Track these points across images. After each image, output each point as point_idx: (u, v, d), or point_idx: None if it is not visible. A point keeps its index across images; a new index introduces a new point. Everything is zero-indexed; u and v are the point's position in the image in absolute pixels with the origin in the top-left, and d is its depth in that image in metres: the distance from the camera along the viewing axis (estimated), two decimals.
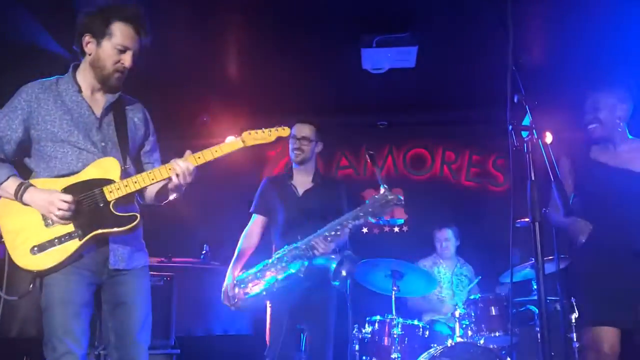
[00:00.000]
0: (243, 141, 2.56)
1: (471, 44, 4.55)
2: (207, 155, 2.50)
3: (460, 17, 4.22)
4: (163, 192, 2.59)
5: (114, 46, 2.42)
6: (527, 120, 1.72)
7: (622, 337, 3.02)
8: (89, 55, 2.47)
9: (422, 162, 6.28)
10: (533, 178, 1.70)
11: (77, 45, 2.49)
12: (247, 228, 3.76)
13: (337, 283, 3.21)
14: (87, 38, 2.44)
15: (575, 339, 4.11)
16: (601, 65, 4.68)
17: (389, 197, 3.34)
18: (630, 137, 3.26)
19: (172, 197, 2.57)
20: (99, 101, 2.53)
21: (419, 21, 4.32)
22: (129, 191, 2.40)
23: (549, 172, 1.80)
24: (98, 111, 2.51)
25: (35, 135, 2.42)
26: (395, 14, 4.27)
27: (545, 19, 4.25)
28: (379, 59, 4.62)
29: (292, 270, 3.28)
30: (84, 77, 2.51)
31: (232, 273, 3.53)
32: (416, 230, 5.99)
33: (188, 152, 2.49)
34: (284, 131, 2.67)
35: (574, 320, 4.07)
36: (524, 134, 1.71)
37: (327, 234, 3.33)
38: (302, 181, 3.74)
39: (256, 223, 3.76)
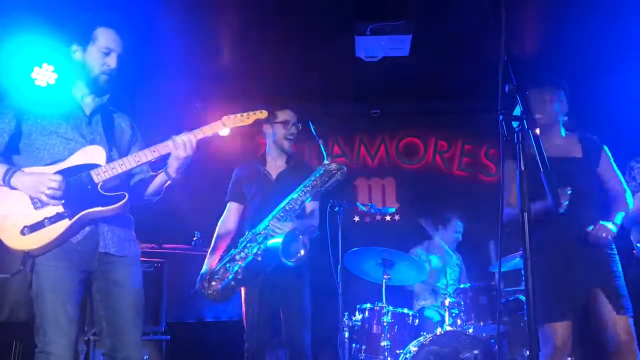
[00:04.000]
0: (223, 124, 2.66)
1: (465, 33, 4.54)
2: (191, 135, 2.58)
3: (454, 6, 4.20)
4: (156, 185, 2.69)
5: (99, 50, 2.56)
6: (517, 111, 1.72)
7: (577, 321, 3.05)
8: (78, 62, 2.60)
9: (415, 151, 6.28)
10: (523, 168, 1.70)
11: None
12: (222, 217, 3.74)
13: (290, 264, 3.15)
14: (74, 47, 2.60)
15: None
16: (593, 57, 4.69)
17: (331, 166, 3.38)
18: (563, 133, 3.29)
19: (176, 174, 2.61)
20: (89, 104, 2.65)
21: (413, 9, 4.30)
22: (115, 173, 2.48)
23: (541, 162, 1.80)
24: (88, 112, 2.63)
25: (26, 129, 2.51)
26: (390, 2, 4.26)
27: (538, 9, 4.24)
28: (372, 47, 4.60)
29: (251, 256, 3.29)
30: (74, 83, 2.65)
31: (209, 264, 3.53)
32: (408, 219, 6.01)
33: (173, 136, 2.57)
34: (262, 114, 2.77)
35: None
36: (515, 124, 1.71)
37: (281, 213, 3.34)
38: (276, 165, 3.73)
39: (231, 211, 3.74)
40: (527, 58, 4.68)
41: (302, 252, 3.23)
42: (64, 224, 2.38)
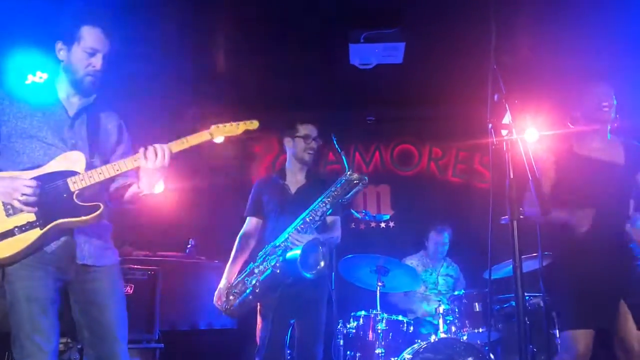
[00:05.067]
0: (211, 134, 2.57)
1: (458, 40, 4.56)
2: (174, 146, 2.50)
3: (447, 14, 4.22)
4: (128, 191, 2.59)
5: (83, 50, 2.46)
6: (507, 119, 1.72)
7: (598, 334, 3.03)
8: (62, 61, 2.53)
9: (410, 158, 6.29)
10: (512, 176, 1.71)
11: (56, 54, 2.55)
12: (242, 231, 3.73)
13: (309, 275, 3.08)
14: (59, 45, 2.51)
15: (558, 335, 4.16)
16: (586, 65, 4.70)
17: (352, 176, 3.38)
18: (609, 136, 3.24)
19: (143, 186, 2.51)
20: (74, 104, 2.56)
21: (407, 17, 4.31)
22: (92, 182, 2.39)
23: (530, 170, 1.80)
24: (72, 112, 2.54)
25: (5, 131, 2.42)
26: (384, 10, 4.27)
27: (529, 17, 4.26)
28: (366, 55, 4.62)
29: (270, 268, 3.23)
30: (59, 82, 2.56)
31: (227, 278, 3.51)
32: (402, 225, 6.01)
33: (155, 145, 2.47)
34: (252, 124, 2.67)
35: (556, 317, 4.13)
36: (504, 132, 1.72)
37: (301, 225, 3.32)
38: (295, 180, 3.72)
39: (250, 225, 3.74)
40: (519, 66, 4.68)
41: (322, 263, 3.16)
42: (35, 233, 2.30)
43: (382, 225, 6.12)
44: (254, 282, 3.27)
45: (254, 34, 4.60)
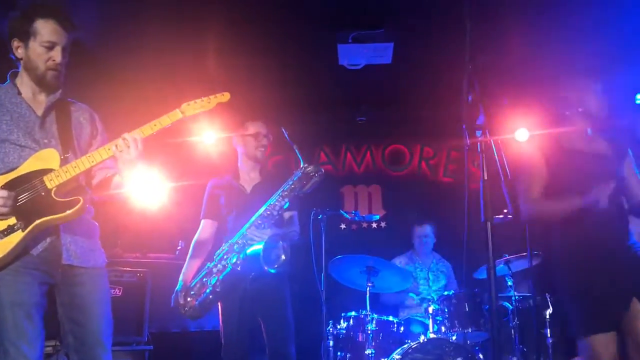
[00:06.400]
0: (182, 112, 2.50)
1: (447, 40, 4.54)
2: (147, 130, 2.45)
3: (434, 15, 4.22)
4: (112, 181, 2.56)
5: (40, 44, 2.41)
6: (481, 120, 1.72)
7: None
8: (21, 59, 2.48)
9: (401, 158, 6.30)
10: (485, 177, 1.71)
11: (12, 53, 2.49)
12: (197, 234, 3.70)
13: (272, 270, 3.07)
14: (15, 43, 2.45)
15: (549, 335, 4.16)
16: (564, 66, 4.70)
17: (308, 169, 3.36)
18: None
19: (125, 177, 2.47)
20: (41, 102, 2.52)
21: (394, 18, 4.32)
22: (69, 176, 2.36)
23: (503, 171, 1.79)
24: (40, 111, 2.49)
25: None
26: (371, 10, 4.27)
27: (509, 16, 4.26)
28: (355, 55, 4.62)
29: (230, 266, 3.22)
30: (23, 81, 2.51)
31: (184, 280, 3.47)
32: (394, 226, 6.01)
33: (124, 134, 2.43)
34: (224, 97, 2.59)
35: (547, 316, 4.13)
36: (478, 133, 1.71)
37: (258, 221, 3.30)
38: (249, 178, 3.72)
39: (206, 228, 3.71)
40: (495, 67, 4.68)
41: (284, 257, 3.17)
42: (17, 236, 2.27)
43: (374, 225, 6.12)
44: (213, 281, 3.25)
45: (242, 35, 4.59)
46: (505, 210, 4.12)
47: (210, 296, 3.25)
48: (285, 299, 3.50)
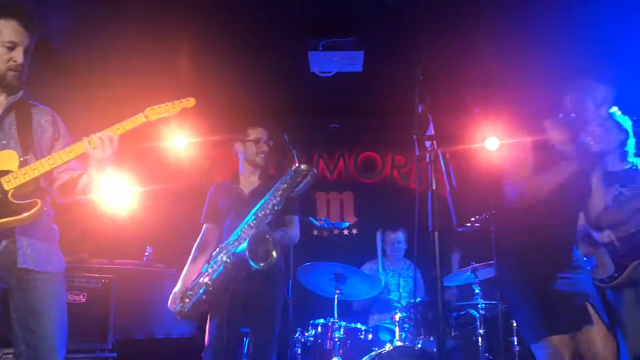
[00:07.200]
0: (146, 116, 2.47)
1: (415, 50, 4.59)
2: (110, 133, 2.41)
3: (403, 24, 4.25)
4: (78, 183, 2.50)
5: (1, 44, 2.38)
6: (430, 131, 1.73)
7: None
8: None
9: (373, 166, 6.33)
10: (434, 187, 1.72)
11: None
12: (199, 237, 3.69)
13: (258, 267, 2.99)
14: None
15: (516, 343, 4.20)
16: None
17: (301, 168, 3.39)
18: None
19: (94, 178, 2.43)
20: (1, 103, 2.48)
21: (364, 27, 4.34)
22: (27, 179, 2.32)
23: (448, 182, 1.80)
24: None
25: None
26: (341, 18, 4.29)
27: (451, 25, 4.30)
28: (326, 63, 4.65)
29: (222, 266, 3.19)
30: None
31: (183, 282, 3.45)
32: (366, 233, 6.02)
33: (91, 135, 2.40)
34: (189, 102, 2.56)
35: (514, 324, 4.17)
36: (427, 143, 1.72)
37: (252, 221, 3.29)
38: (248, 182, 3.72)
39: (207, 232, 3.70)
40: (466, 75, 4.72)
41: (274, 253, 3.08)
42: None
43: (346, 232, 6.13)
44: (207, 281, 3.23)
45: (213, 41, 4.57)
46: (472, 219, 4.15)
47: (203, 296, 3.22)
48: (275, 306, 3.45)
